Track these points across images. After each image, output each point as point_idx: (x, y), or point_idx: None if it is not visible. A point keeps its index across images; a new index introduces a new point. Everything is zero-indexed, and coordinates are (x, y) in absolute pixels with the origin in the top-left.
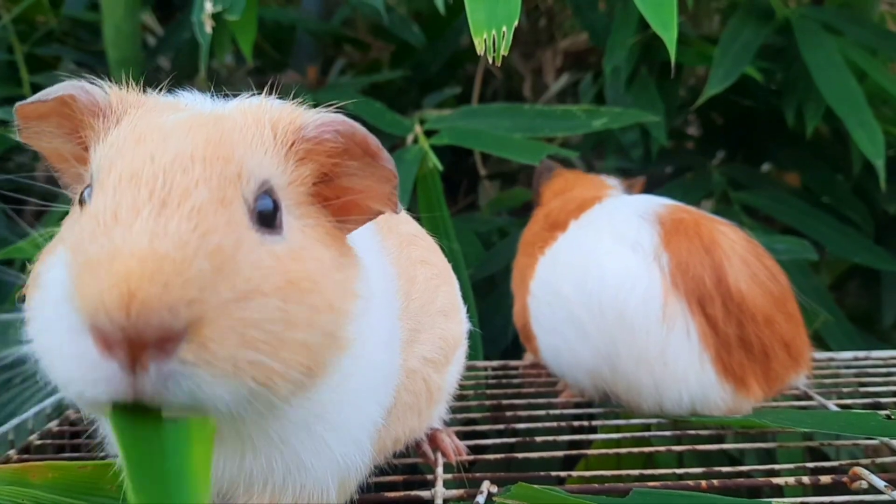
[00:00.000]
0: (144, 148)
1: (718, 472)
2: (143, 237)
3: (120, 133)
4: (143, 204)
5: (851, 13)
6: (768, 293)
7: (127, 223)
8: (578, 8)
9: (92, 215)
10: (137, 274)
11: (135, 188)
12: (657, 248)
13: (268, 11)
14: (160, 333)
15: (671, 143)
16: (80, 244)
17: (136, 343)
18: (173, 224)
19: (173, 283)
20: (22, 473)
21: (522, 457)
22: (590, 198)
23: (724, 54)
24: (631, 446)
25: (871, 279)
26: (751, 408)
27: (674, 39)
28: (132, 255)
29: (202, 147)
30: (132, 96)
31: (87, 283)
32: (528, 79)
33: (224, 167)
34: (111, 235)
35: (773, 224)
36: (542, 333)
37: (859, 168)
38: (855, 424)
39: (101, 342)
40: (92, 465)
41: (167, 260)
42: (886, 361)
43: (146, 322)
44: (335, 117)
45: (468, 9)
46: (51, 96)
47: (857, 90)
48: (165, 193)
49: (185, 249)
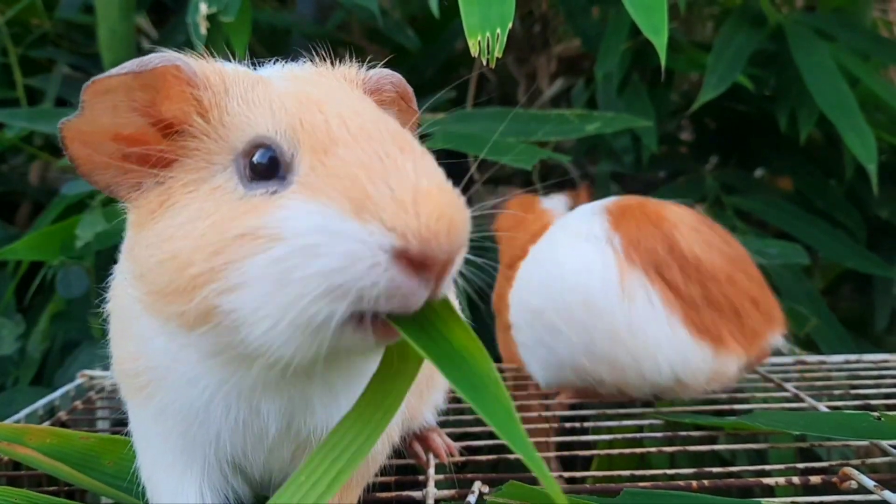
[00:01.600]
0: (332, 107)
1: (709, 473)
2: (423, 178)
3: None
4: (394, 152)
5: (844, 19)
6: (724, 255)
7: (401, 168)
8: (571, 14)
9: (354, 164)
10: (448, 207)
11: (371, 139)
12: (608, 233)
13: (262, 14)
14: (456, 255)
15: (665, 147)
16: (363, 190)
17: (446, 263)
18: (423, 165)
19: (461, 208)
20: (20, 433)
21: (514, 458)
22: (537, 230)
23: (717, 60)
24: (623, 447)
25: (864, 284)
26: (735, 367)
27: (664, 44)
28: (430, 193)
29: (362, 102)
30: (212, 65)
31: (408, 219)
32: (522, 84)
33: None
34: (401, 178)
35: (766, 229)
36: (526, 353)
37: (852, 173)
38: (846, 426)
39: (416, 266)
40: (95, 438)
41: (450, 194)
42: (878, 364)
43: (459, 245)
44: (389, 71)
45: (462, 11)
46: (150, 66)
47: (849, 95)
48: (396, 142)
49: (443, 182)
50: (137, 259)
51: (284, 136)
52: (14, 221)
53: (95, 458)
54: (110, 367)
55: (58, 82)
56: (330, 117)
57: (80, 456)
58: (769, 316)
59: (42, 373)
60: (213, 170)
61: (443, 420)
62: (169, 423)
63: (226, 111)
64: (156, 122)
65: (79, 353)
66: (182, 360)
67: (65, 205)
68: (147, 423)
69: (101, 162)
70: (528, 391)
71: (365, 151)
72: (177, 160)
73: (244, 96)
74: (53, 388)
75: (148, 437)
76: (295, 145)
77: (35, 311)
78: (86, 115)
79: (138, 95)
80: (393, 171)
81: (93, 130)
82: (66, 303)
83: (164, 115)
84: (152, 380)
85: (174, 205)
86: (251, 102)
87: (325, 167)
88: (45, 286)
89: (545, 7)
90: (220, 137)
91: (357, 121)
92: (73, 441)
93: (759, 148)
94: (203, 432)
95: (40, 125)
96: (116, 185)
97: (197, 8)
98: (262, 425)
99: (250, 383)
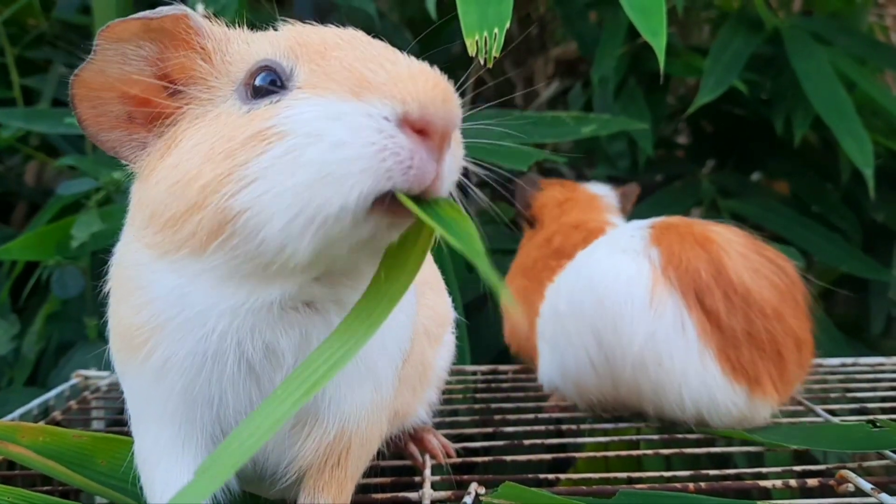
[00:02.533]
0: (326, 30)
1: (706, 475)
2: (414, 63)
3: (269, 37)
4: (387, 49)
5: (841, 23)
6: (774, 286)
7: (393, 58)
8: (568, 17)
9: (353, 59)
10: (442, 81)
11: (366, 44)
12: (646, 245)
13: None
14: (453, 125)
15: (661, 151)
16: (362, 77)
17: (446, 132)
18: (418, 63)
19: (452, 89)
20: (13, 431)
21: (510, 459)
22: (593, 229)
23: (714, 63)
24: (619, 449)
25: (860, 288)
26: (768, 413)
27: (663, 47)
28: (426, 70)
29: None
30: (214, 23)
31: (407, 88)
32: (519, 86)
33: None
34: (395, 64)
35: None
36: (545, 349)
37: (848, 177)
38: (846, 438)
39: (418, 135)
40: (88, 437)
41: (440, 75)
42: (874, 368)
43: (455, 114)
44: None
45: (460, 11)
46: (162, 14)
47: (846, 100)
48: (382, 47)
49: (436, 70)
50: (146, 201)
51: (283, 55)
52: (10, 222)
53: (89, 457)
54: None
55: (54, 83)
56: (325, 35)
57: (74, 455)
58: (807, 361)
59: (37, 373)
60: (216, 102)
61: (438, 421)
62: (170, 379)
63: (227, 52)
64: (161, 76)
65: (74, 353)
66: (193, 293)
67: (60, 205)
68: (145, 387)
69: (108, 123)
70: (526, 393)
71: (359, 51)
72: (182, 113)
73: (244, 39)
74: (48, 388)
75: (146, 403)
76: (293, 60)
77: (30, 312)
78: (97, 62)
79: (147, 46)
80: (386, 59)
81: (102, 82)
82: (62, 303)
83: (169, 67)
84: (155, 329)
85: (181, 140)
86: (250, 42)
87: (322, 69)
88: (40, 286)
89: (543, 10)
90: (222, 74)
91: (349, 34)
92: (67, 439)
93: (755, 152)
94: (206, 389)
95: (37, 125)
96: (122, 146)
97: (194, 8)
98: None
99: (266, 309)
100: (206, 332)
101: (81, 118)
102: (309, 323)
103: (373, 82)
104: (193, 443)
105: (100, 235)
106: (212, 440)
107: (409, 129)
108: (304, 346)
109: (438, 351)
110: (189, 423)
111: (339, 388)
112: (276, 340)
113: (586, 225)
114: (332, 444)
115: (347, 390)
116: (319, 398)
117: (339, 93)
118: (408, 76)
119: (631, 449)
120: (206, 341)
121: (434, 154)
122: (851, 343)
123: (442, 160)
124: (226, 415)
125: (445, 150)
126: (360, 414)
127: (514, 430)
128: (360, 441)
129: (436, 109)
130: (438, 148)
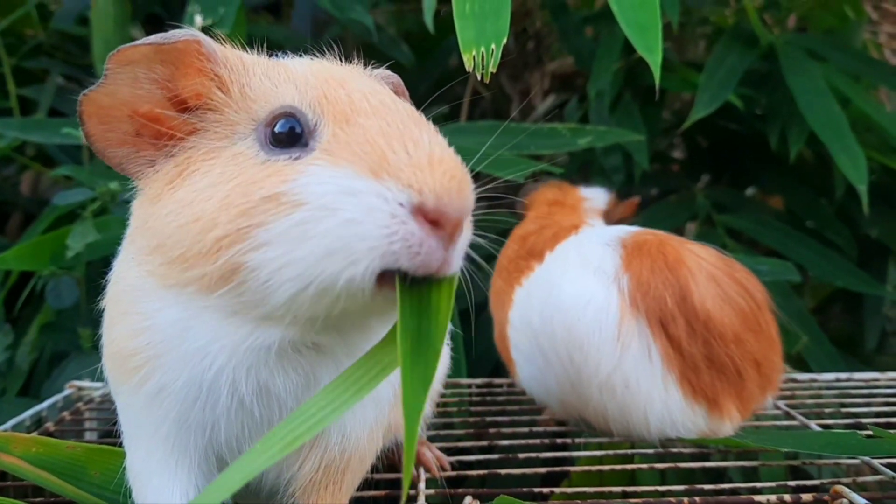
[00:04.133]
0: (353, 84)
1: (701, 490)
2: (436, 147)
3: (293, 77)
4: (411, 124)
5: (835, 40)
6: (738, 311)
7: (417, 137)
8: (564, 32)
9: (376, 133)
10: (459, 171)
11: (391, 113)
12: (617, 271)
13: (257, 28)
14: (465, 216)
15: (656, 165)
16: (383, 156)
17: (458, 223)
18: (436, 138)
19: (468, 180)
20: (5, 441)
21: (505, 473)
22: (566, 227)
23: (709, 79)
24: (614, 463)
25: (854, 303)
26: (731, 430)
27: (658, 62)
28: (444, 159)
29: (379, 86)
30: (226, 48)
31: (426, 178)
32: (515, 100)
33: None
34: (418, 145)
35: (757, 247)
36: (522, 362)
37: (842, 192)
38: (836, 444)
39: (430, 224)
40: (82, 448)
41: (459, 162)
42: (868, 383)
43: (468, 206)
44: (388, 71)
45: (458, 26)
46: (173, 39)
47: (840, 116)
48: (411, 117)
49: (456, 156)
50: (153, 230)
51: (310, 107)
52: (5, 231)
53: (82, 468)
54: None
55: (51, 93)
56: (352, 92)
57: (67, 466)
58: (768, 380)
59: (30, 383)
60: (234, 138)
61: (433, 434)
62: (164, 406)
63: (248, 85)
64: (172, 98)
65: (67, 363)
66: (196, 327)
67: (56, 215)
68: (138, 410)
69: (116, 139)
70: (521, 406)
71: (384, 121)
72: (193, 133)
73: (266, 73)
74: (41, 399)
75: (139, 425)
76: (319, 115)
77: (24, 322)
78: (107, 84)
79: (159, 69)
80: (409, 139)
81: (111, 103)
82: (56, 313)
83: (181, 90)
84: (152, 357)
85: (194, 172)
86: (274, 78)
87: (346, 135)
88: (34, 296)
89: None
90: (241, 109)
91: (377, 97)
92: (60, 450)
93: (750, 167)
94: (199, 417)
95: (33, 135)
96: (129, 162)
97: (192, 20)
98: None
99: (266, 349)
100: (204, 366)
101: (89, 134)
102: (314, 363)
103: (392, 164)
104: (186, 462)
105: (95, 246)
106: (205, 459)
107: (422, 217)
108: (306, 386)
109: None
110: (182, 444)
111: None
112: (272, 381)
113: (558, 224)
114: (333, 462)
115: (350, 414)
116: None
117: (358, 167)
118: (427, 163)
119: (625, 463)
120: (203, 374)
121: (444, 243)
122: (846, 358)
123: (451, 248)
124: (218, 440)
125: (457, 239)
126: (362, 434)
127: (509, 443)
128: (360, 458)
129: (450, 201)
130: (450, 237)
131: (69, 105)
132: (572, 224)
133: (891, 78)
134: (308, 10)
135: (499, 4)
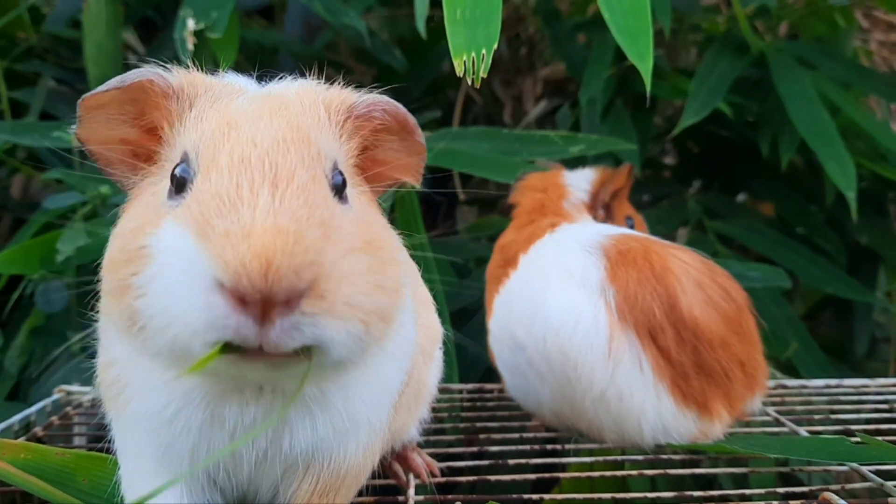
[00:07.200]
0: (242, 133)
1: (691, 496)
2: (269, 215)
3: (210, 117)
4: (259, 185)
5: (826, 48)
6: (723, 315)
7: (251, 203)
8: (556, 39)
9: (213, 194)
10: (271, 247)
11: (247, 170)
12: (603, 283)
13: (250, 32)
14: (289, 294)
15: (648, 171)
16: (208, 220)
17: (268, 303)
18: (287, 202)
19: (297, 252)
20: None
21: (495, 479)
22: (541, 228)
23: (700, 86)
24: (604, 470)
25: (844, 309)
26: (721, 432)
27: (649, 70)
28: (264, 231)
29: (288, 131)
30: (197, 77)
31: (228, 253)
32: (507, 105)
33: (308, 149)
34: (240, 213)
35: (747, 253)
36: (506, 373)
37: (832, 199)
38: (824, 450)
39: (237, 301)
40: (71, 454)
41: (290, 233)
42: (857, 389)
43: (279, 286)
44: (381, 97)
45: (449, 32)
46: (128, 82)
47: (830, 123)
48: (273, 175)
49: (301, 223)
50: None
51: (195, 154)
52: None
53: (71, 475)
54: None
55: (42, 96)
56: (236, 141)
57: (56, 472)
58: (753, 379)
59: (19, 388)
60: (161, 175)
61: (423, 440)
62: (145, 430)
63: (183, 122)
64: (148, 130)
65: (57, 368)
66: (142, 362)
67: (46, 219)
68: (125, 431)
69: (114, 159)
70: (511, 412)
71: (233, 181)
72: (155, 163)
73: (203, 109)
74: (30, 403)
75: (127, 444)
76: (196, 164)
77: (13, 326)
78: (84, 127)
79: (127, 108)
80: (245, 205)
81: (96, 138)
82: (46, 317)
83: (148, 123)
84: (123, 388)
85: (132, 205)
86: (201, 117)
87: (199, 191)
88: (24, 300)
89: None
90: (172, 146)
91: (263, 147)
92: (49, 457)
93: (741, 173)
94: (178, 440)
95: (24, 138)
96: (125, 180)
97: (184, 24)
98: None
99: (199, 387)
100: (162, 403)
101: (92, 155)
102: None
103: (214, 229)
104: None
105: (85, 250)
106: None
107: (227, 294)
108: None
109: (430, 368)
110: (168, 460)
111: (335, 437)
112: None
113: (533, 227)
114: (328, 481)
115: (342, 439)
116: (315, 446)
117: (190, 226)
118: (242, 235)
119: (616, 469)
120: (165, 405)
121: (257, 321)
122: (836, 364)
123: (269, 325)
124: (202, 457)
125: (276, 317)
126: (357, 455)
127: (500, 449)
128: (355, 473)
129: (250, 283)
130: (260, 316)
131: (61, 108)
132: (549, 223)
133: (881, 86)
134: (301, 15)
135: (489, 10)
